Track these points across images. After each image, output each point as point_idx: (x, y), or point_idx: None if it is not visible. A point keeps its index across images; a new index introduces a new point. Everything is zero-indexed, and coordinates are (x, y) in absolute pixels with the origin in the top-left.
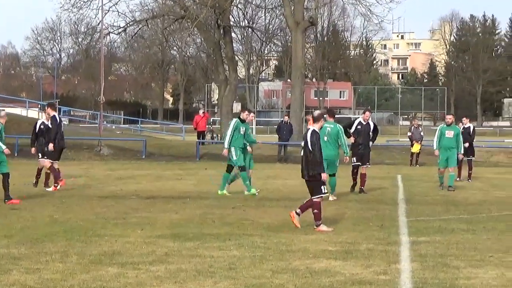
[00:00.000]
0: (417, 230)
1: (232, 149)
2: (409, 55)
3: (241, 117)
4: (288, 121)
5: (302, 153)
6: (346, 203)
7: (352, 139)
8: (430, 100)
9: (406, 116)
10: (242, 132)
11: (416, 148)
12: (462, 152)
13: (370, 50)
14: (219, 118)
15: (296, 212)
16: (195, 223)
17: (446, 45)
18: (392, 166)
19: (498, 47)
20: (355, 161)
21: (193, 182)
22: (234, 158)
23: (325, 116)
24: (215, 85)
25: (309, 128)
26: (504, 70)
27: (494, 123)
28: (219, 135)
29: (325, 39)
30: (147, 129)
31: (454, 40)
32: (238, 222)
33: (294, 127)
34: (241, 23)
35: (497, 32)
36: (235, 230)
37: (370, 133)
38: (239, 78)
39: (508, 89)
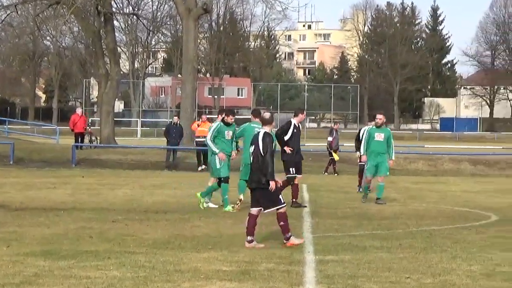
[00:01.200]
0: (324, 247)
1: (216, 156)
2: (317, 48)
3: (225, 120)
4: (178, 122)
5: (251, 159)
6: (242, 217)
7: (288, 150)
8: (340, 99)
9: (313, 117)
10: (228, 137)
11: (336, 156)
12: (394, 158)
13: (273, 41)
14: (99, 119)
15: (286, 237)
16: (70, 239)
17: (359, 37)
18: None
19: (418, 39)
20: (293, 172)
21: (69, 192)
22: (218, 166)
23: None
24: (94, 81)
25: (259, 131)
26: (425, 65)
27: (414, 126)
28: (98, 138)
29: (221, 28)
30: (15, 131)
31: (368, 31)
32: (119, 238)
33: (184, 129)
34: (125, 9)
35: (417, 22)
36: (115, 247)
37: None
38: (122, 72)
39: (429, 87)
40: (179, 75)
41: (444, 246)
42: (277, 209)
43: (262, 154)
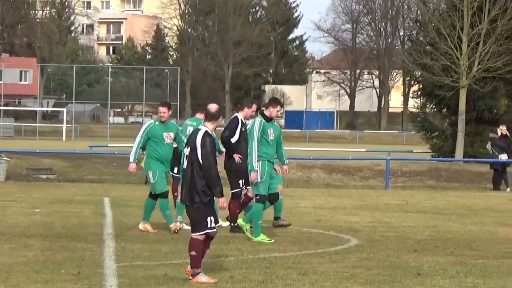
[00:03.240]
0: (132, 280)
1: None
2: (125, 19)
3: (267, 112)
4: None
5: (184, 164)
6: (25, 240)
7: (237, 158)
8: (155, 86)
9: (119, 110)
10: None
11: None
12: (287, 162)
13: (66, 10)
14: None
15: (193, 272)
16: None
17: (179, 4)
18: (98, 184)
19: (257, 8)
20: (242, 184)
21: None
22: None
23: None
24: None
25: (199, 129)
26: (266, 42)
27: (250, 121)
28: None
29: None
30: None
31: None
32: None
33: None
34: None
35: None
36: None
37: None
38: None
39: (271, 70)
40: None
41: (289, 278)
42: (204, 233)
43: (201, 161)
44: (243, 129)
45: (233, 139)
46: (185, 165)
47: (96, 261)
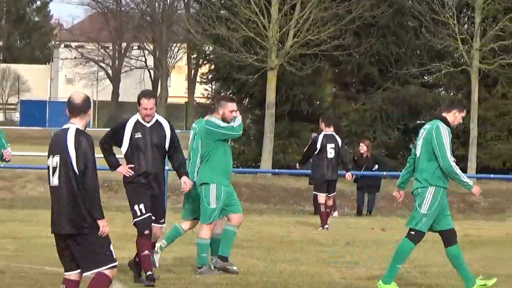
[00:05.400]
0: None
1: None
2: None
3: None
4: None
5: (53, 180)
6: None
7: (124, 170)
8: None
9: None
10: None
11: None
12: None
13: None
14: None
15: None
16: None
17: None
18: None
19: None
20: (141, 211)
21: None
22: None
23: None
24: None
25: (66, 128)
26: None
27: None
28: None
29: None
30: None
31: None
32: None
33: None
34: None
35: None
36: None
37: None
38: None
39: (1, 43)
40: None
41: None
42: (112, 266)
43: (77, 171)
44: (137, 135)
45: (123, 148)
46: (53, 182)
47: None
